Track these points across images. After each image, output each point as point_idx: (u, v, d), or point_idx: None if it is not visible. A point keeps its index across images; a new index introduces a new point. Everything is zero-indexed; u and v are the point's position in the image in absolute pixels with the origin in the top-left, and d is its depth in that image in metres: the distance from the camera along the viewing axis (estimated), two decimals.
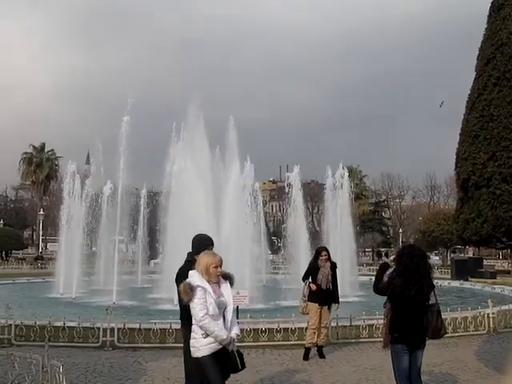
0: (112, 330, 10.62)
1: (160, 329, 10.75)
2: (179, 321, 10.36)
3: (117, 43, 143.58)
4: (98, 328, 10.70)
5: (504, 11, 31.71)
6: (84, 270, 24.92)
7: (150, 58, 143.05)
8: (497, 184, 18.76)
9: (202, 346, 5.06)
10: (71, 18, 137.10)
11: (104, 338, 10.58)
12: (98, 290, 21.83)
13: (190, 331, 5.25)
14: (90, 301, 19.76)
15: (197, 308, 5.04)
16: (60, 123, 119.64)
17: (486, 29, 33.14)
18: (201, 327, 5.04)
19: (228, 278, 5.42)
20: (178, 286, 5.41)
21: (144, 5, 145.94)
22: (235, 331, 5.25)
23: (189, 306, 5.14)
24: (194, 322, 5.13)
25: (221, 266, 5.29)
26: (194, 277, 5.19)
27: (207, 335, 5.02)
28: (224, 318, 5.16)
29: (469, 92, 34.42)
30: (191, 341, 5.18)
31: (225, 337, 5.06)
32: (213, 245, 6.13)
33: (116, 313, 11.68)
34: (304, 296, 9.85)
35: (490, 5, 31.23)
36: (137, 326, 10.93)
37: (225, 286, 5.33)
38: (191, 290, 5.05)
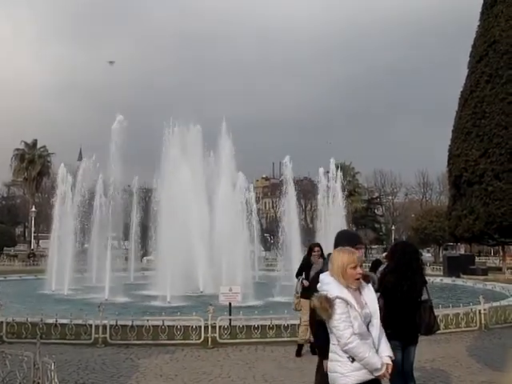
0: (104, 326, 10.58)
1: (152, 326, 10.71)
2: (172, 317, 10.34)
3: (109, 39, 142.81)
4: (91, 325, 10.65)
5: (497, 8, 31.82)
6: (76, 267, 24.81)
7: (143, 54, 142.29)
8: (489, 181, 18.96)
9: (349, 372, 3.86)
10: (63, 13, 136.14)
11: (96, 335, 10.54)
12: (91, 287, 21.75)
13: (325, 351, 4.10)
14: (83, 298, 19.68)
15: (340, 327, 3.83)
16: (52, 120, 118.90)
17: (479, 26, 33.27)
18: (347, 352, 3.85)
19: (369, 279, 4.22)
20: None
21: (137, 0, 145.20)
22: (386, 353, 4.00)
23: (325, 323, 3.96)
24: (333, 342, 3.94)
25: (361, 266, 4.06)
26: (330, 284, 3.98)
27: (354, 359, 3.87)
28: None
29: (461, 89, 34.50)
30: (331, 364, 3.98)
31: (379, 365, 3.87)
32: (361, 243, 4.87)
33: (108, 310, 11.65)
34: (297, 292, 9.85)
35: (482, 2, 31.26)
36: (129, 323, 10.89)
37: (367, 291, 4.08)
38: (329, 304, 3.84)
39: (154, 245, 24.28)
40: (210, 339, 10.53)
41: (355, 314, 3.85)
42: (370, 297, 4.04)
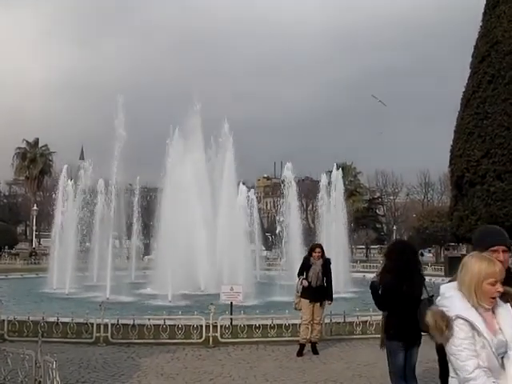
0: (106, 325, 10.60)
1: (154, 325, 10.73)
2: (173, 316, 10.35)
3: (112, 38, 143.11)
4: (92, 324, 10.67)
5: (499, 9, 31.79)
6: (77, 266, 24.82)
7: (145, 54, 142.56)
8: (491, 181, 18.87)
9: None
10: (63, 12, 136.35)
11: (98, 334, 10.55)
12: (92, 286, 21.78)
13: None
14: (84, 296, 19.70)
15: (460, 356, 2.91)
16: (54, 119, 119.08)
17: (481, 26, 33.23)
18: None
19: (508, 298, 3.15)
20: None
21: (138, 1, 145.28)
22: None
23: (443, 347, 3.07)
24: (452, 375, 3.06)
25: (501, 282, 3.05)
26: (453, 298, 3.09)
27: None
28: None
29: (463, 89, 34.46)
30: None
31: None
32: (504, 244, 3.78)
33: (110, 309, 11.66)
34: (297, 292, 9.87)
35: (485, 2, 31.17)
36: (130, 321, 10.90)
37: (504, 313, 3.09)
38: (446, 324, 2.97)
39: (155, 244, 24.28)
40: (211, 338, 10.53)
41: (483, 341, 2.92)
42: (508, 320, 3.03)
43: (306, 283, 9.76)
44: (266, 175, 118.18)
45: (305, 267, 10.00)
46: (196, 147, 24.44)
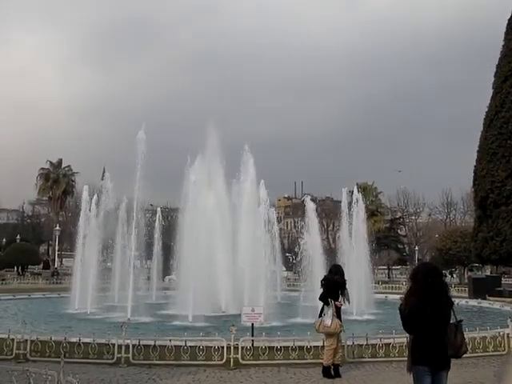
0: (127, 346, 10.59)
1: (175, 346, 10.68)
2: (194, 338, 10.31)
3: (131, 57, 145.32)
4: (113, 344, 10.67)
5: None
6: (99, 286, 24.95)
7: (164, 72, 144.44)
8: None
9: None
10: (85, 32, 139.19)
11: (119, 355, 10.54)
12: (113, 306, 21.84)
13: None
14: (105, 317, 19.77)
15: None
16: (76, 139, 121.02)
17: (503, 46, 33.20)
18: None
19: None
20: None
21: (157, 19, 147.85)
22: None
23: None
24: None
25: None
26: None
27: None
28: None
29: (486, 109, 34.32)
30: None
31: None
32: None
33: (131, 329, 11.65)
34: (334, 315, 9.63)
35: (507, 22, 31.20)
36: (152, 342, 10.87)
37: None
38: None
39: (176, 264, 24.31)
40: (232, 360, 10.46)
41: None
42: None
43: (339, 304, 9.74)
44: (286, 195, 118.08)
45: (331, 289, 9.89)
46: (216, 168, 24.56)
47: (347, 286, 10.15)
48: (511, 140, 29.12)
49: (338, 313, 9.74)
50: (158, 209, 31.77)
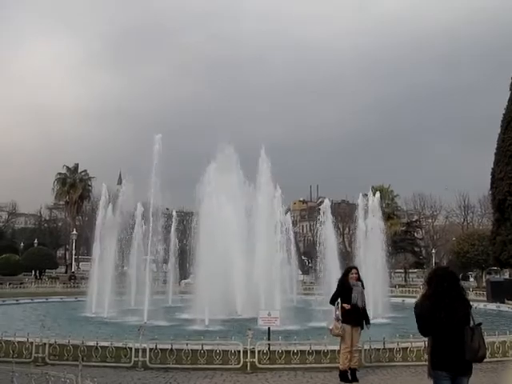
0: (144, 350, 10.64)
1: (191, 350, 10.71)
2: (211, 341, 10.31)
3: (145, 61, 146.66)
4: (130, 348, 10.73)
5: None
6: (116, 290, 25.10)
7: (178, 76, 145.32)
8: None
9: None
10: (101, 37, 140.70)
11: (136, 359, 10.60)
12: (130, 310, 21.95)
13: None
14: (122, 320, 19.88)
15: None
16: (93, 143, 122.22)
17: None
18: None
19: None
20: None
21: (170, 23, 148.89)
22: None
23: None
24: None
25: None
26: None
27: None
28: None
29: (504, 111, 34.14)
30: None
31: None
32: None
33: (147, 333, 11.71)
34: (338, 317, 9.60)
35: None
36: (168, 346, 10.89)
37: None
38: None
39: (192, 268, 24.37)
40: (249, 364, 10.45)
41: None
42: None
43: (347, 306, 9.56)
44: (302, 198, 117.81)
45: (342, 291, 9.82)
46: (233, 172, 24.62)
47: (361, 289, 9.92)
48: None
49: (357, 314, 9.61)
50: (174, 212, 31.84)
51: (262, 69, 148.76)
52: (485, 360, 7.19)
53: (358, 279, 9.97)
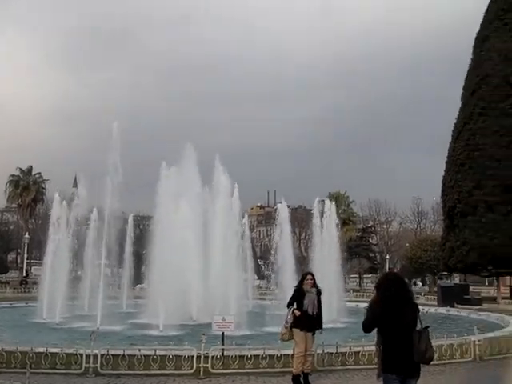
0: (95, 356, 10.45)
1: (144, 355, 10.58)
2: (164, 347, 10.22)
3: (104, 67, 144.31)
4: (81, 354, 10.51)
5: (489, 43, 32.68)
6: (68, 295, 24.55)
7: (138, 82, 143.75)
8: (482, 212, 19.05)
9: None
10: (58, 41, 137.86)
11: (87, 365, 10.39)
12: (83, 315, 21.51)
13: None
14: (74, 326, 19.47)
15: None
16: (48, 147, 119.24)
17: (472, 59, 34.07)
18: None
19: None
20: None
21: (132, 30, 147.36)
22: None
23: None
24: None
25: None
26: None
27: None
28: None
29: (455, 121, 35.07)
30: None
31: None
32: None
33: (100, 338, 11.51)
34: (286, 322, 9.76)
35: (475, 37, 32.09)
36: (121, 352, 10.74)
37: None
38: None
39: (147, 273, 24.12)
40: (202, 369, 10.41)
41: None
42: None
43: (298, 313, 9.69)
44: (259, 204, 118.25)
45: (297, 297, 9.94)
46: (189, 176, 24.52)
47: (315, 296, 10.01)
48: (478, 151, 29.81)
49: (308, 320, 9.74)
50: (130, 217, 31.46)
51: (217, 78, 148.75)
52: (433, 362, 7.41)
53: (314, 285, 10.07)
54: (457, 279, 58.16)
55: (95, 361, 10.41)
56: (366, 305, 6.43)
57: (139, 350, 10.72)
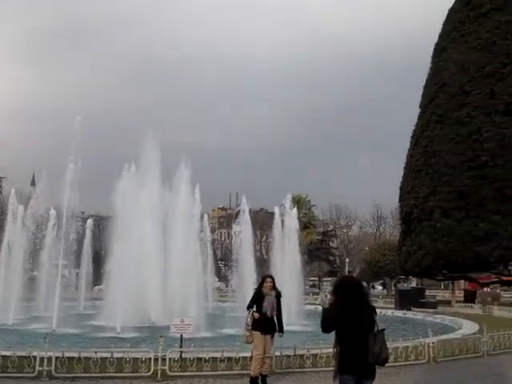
0: (49, 359, 10.21)
1: (101, 358, 10.41)
2: (121, 349, 10.10)
3: (71, 65, 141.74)
4: (35, 357, 10.25)
5: (446, 53, 33.61)
6: (23, 295, 23.94)
7: (101, 78, 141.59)
8: (437, 218, 19.52)
9: None
10: (17, 35, 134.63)
11: (40, 368, 10.13)
12: (38, 317, 21.06)
13: None
14: (29, 328, 19.00)
15: None
16: (6, 144, 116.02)
17: (431, 68, 34.96)
18: None
19: None
20: None
21: (97, 25, 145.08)
22: None
23: None
24: None
25: None
26: None
27: None
28: None
29: (413, 127, 35.82)
30: None
31: None
32: None
33: (55, 341, 11.28)
34: (247, 325, 9.80)
35: (433, 47, 32.99)
36: (76, 354, 10.54)
37: None
38: None
39: (105, 274, 23.77)
40: (159, 372, 10.32)
41: None
42: None
43: (257, 315, 9.74)
44: (221, 206, 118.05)
45: (256, 299, 9.99)
46: (151, 177, 24.30)
47: (274, 299, 10.05)
48: (435, 158, 30.54)
49: (267, 323, 9.80)
50: (89, 216, 30.99)
51: (185, 77, 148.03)
52: (389, 364, 7.56)
53: (273, 288, 10.12)
54: (414, 283, 59.39)
55: (49, 364, 10.18)
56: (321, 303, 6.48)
57: (95, 353, 10.53)
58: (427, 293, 39.77)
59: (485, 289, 42.63)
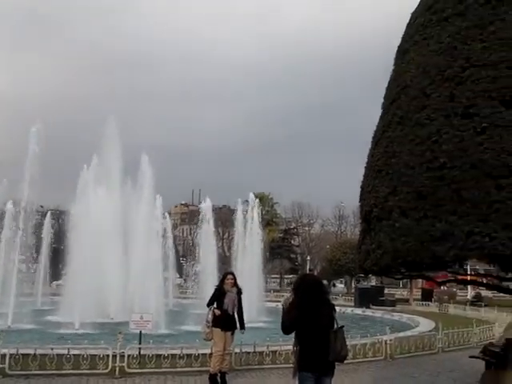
0: (3, 356, 9.96)
1: (57, 354, 10.23)
2: (78, 346, 9.95)
3: (33, 54, 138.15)
4: None
5: (408, 55, 34.02)
6: None
7: (69, 73, 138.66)
8: (396, 217, 19.74)
9: None
10: None
11: None
12: None
13: None
14: None
15: None
16: None
17: (393, 70, 35.42)
18: None
19: None
20: None
21: (66, 15, 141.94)
22: None
23: None
24: None
25: None
26: None
27: None
28: None
29: (375, 128, 36.32)
30: None
31: None
32: None
33: (10, 337, 11.03)
34: (208, 322, 9.78)
35: (397, 48, 33.57)
36: (32, 351, 10.30)
37: None
38: None
39: (64, 269, 23.36)
40: (117, 369, 10.22)
41: None
42: None
43: (218, 312, 9.73)
44: (183, 202, 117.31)
45: (217, 296, 9.98)
46: (112, 172, 24.01)
47: (235, 296, 10.07)
48: (395, 159, 31.02)
49: (228, 320, 9.81)
50: (48, 211, 30.37)
51: (149, 73, 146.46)
52: (347, 361, 7.68)
53: (234, 285, 10.14)
54: (374, 281, 60.37)
55: (3, 361, 9.93)
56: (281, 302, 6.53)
57: (52, 349, 10.35)
58: (386, 291, 40.60)
59: (442, 287, 43.72)
